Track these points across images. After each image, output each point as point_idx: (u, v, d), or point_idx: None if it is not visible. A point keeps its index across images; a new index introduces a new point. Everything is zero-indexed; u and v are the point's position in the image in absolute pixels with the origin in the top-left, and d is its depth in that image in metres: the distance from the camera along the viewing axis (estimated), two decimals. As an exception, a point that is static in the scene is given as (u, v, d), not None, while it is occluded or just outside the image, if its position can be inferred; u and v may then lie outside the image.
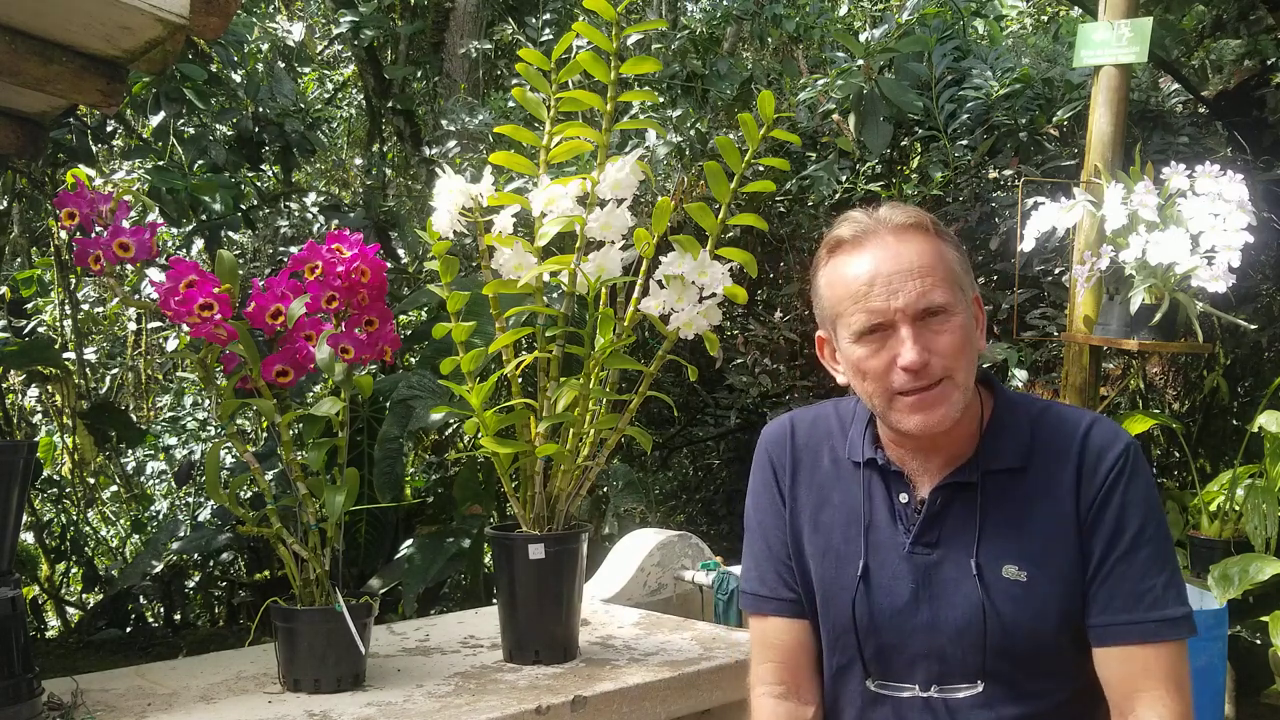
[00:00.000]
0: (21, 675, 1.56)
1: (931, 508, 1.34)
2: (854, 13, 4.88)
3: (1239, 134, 3.73)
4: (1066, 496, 1.30)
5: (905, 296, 1.27)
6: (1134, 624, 1.27)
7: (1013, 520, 1.32)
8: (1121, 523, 1.28)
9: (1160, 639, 1.26)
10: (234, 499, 1.80)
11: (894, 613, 1.35)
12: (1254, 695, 2.91)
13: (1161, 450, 4.06)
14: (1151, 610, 1.27)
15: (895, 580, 1.35)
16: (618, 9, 1.82)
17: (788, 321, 3.83)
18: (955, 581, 1.32)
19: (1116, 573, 1.28)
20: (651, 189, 3.62)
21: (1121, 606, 1.27)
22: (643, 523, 3.60)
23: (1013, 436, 1.35)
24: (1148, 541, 1.28)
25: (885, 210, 1.34)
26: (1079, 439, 1.32)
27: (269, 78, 4.73)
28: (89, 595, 5.58)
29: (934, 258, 1.29)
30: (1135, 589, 1.27)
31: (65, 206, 1.69)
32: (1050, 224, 2.56)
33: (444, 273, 1.90)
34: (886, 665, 1.36)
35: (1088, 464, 1.30)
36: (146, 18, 1.82)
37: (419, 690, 1.74)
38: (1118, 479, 1.29)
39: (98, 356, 6.25)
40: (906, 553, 1.35)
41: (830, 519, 1.41)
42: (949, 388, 1.28)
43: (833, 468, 1.43)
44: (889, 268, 1.28)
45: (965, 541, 1.32)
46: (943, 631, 1.32)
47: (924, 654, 1.34)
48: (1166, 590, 1.28)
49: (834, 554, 1.39)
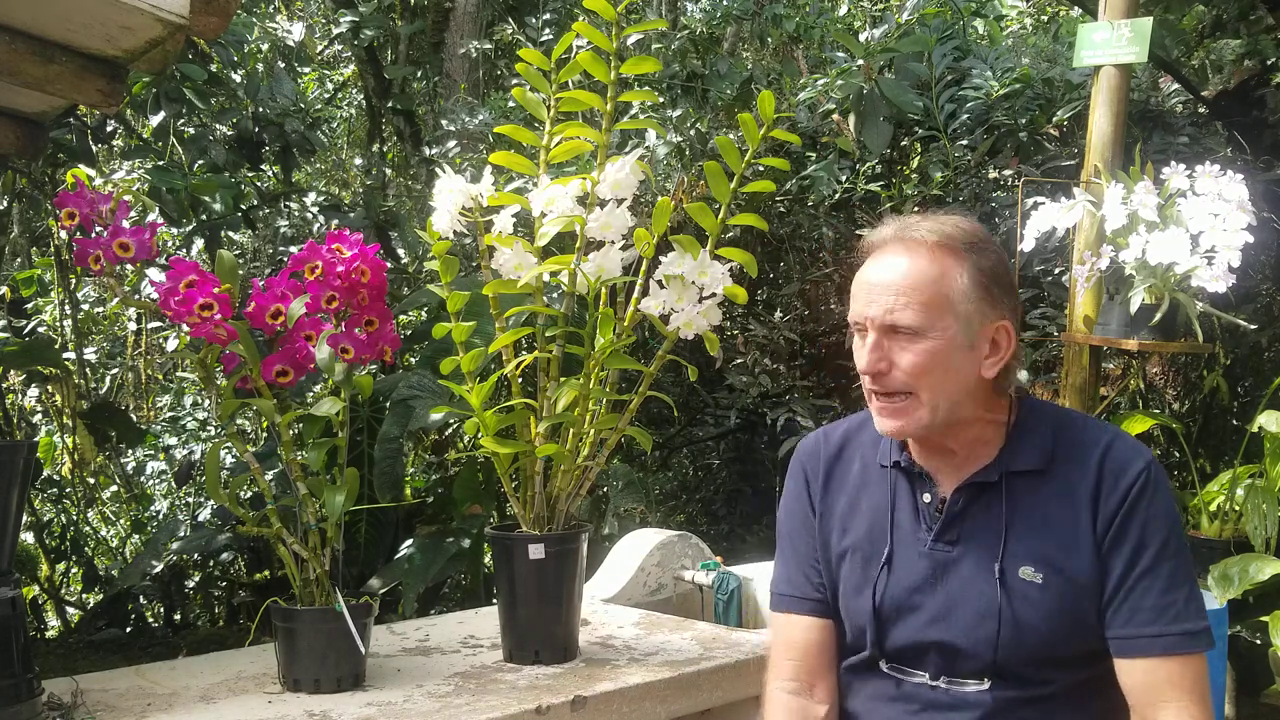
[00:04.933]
0: (21, 675, 1.56)
1: (953, 506, 1.39)
2: (854, 13, 4.88)
3: (1239, 134, 3.72)
4: (1084, 506, 1.34)
5: (876, 308, 1.35)
6: (1158, 637, 1.30)
7: (1031, 522, 1.36)
8: (1145, 538, 1.32)
9: (1184, 651, 1.30)
10: (234, 499, 1.80)
11: (911, 605, 1.39)
12: (1254, 695, 2.91)
13: (1161, 450, 4.06)
14: (1175, 623, 1.30)
15: (915, 575, 1.40)
16: (618, 9, 1.82)
17: (788, 321, 3.84)
18: (972, 579, 1.36)
19: (1141, 587, 1.31)
20: (651, 189, 3.62)
21: (1146, 620, 1.31)
22: (643, 523, 3.60)
23: (1035, 440, 1.39)
24: (1171, 556, 1.32)
25: (917, 220, 1.39)
26: (1100, 452, 1.36)
27: (269, 78, 4.73)
28: (89, 595, 5.57)
29: (922, 279, 1.33)
30: (1159, 603, 1.31)
31: (65, 206, 1.69)
32: (1050, 224, 2.56)
33: (444, 273, 1.90)
34: (900, 655, 1.41)
35: (1107, 478, 1.34)
36: (146, 18, 1.81)
37: (419, 690, 1.74)
38: (1140, 495, 1.33)
39: (98, 356, 6.24)
40: (927, 549, 1.40)
41: (859, 522, 1.47)
42: (913, 404, 1.34)
43: (862, 473, 1.49)
44: (877, 278, 1.36)
45: (985, 540, 1.37)
46: (956, 626, 1.36)
47: (936, 647, 1.38)
48: (1188, 604, 1.32)
49: (861, 553, 1.45)
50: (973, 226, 1.40)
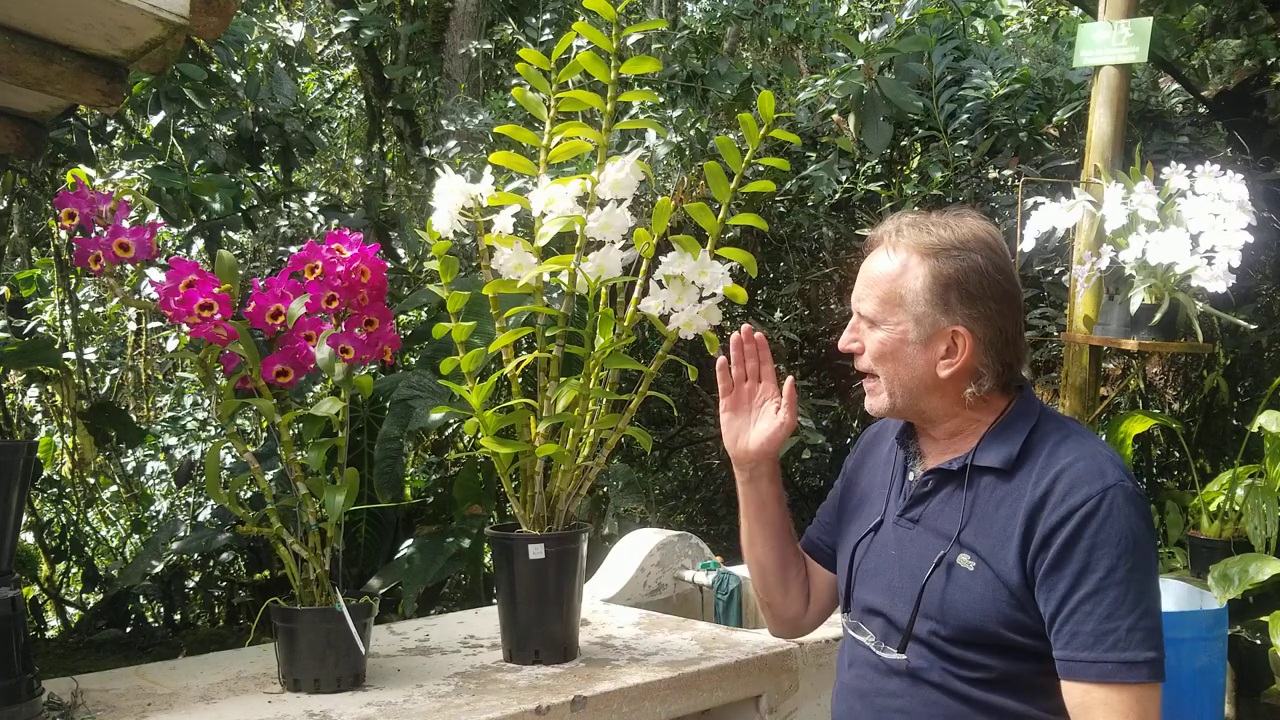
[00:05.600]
0: (21, 675, 1.56)
1: (922, 487, 1.48)
2: (854, 13, 4.88)
3: (1239, 134, 3.72)
4: (1022, 514, 1.36)
5: (855, 296, 1.51)
6: (1092, 663, 1.30)
7: (980, 516, 1.41)
8: (1090, 563, 1.31)
9: (1119, 681, 1.28)
10: (234, 499, 1.80)
11: (872, 572, 1.51)
12: (1254, 695, 2.91)
13: (1161, 450, 4.06)
14: (1112, 651, 1.29)
15: (884, 544, 1.51)
16: (618, 9, 1.82)
17: (788, 321, 3.84)
18: (919, 556, 1.44)
19: (1082, 611, 1.31)
20: (651, 189, 3.62)
21: (1083, 644, 1.30)
22: (643, 523, 3.60)
23: (1006, 441, 1.42)
24: (1118, 584, 1.30)
25: (910, 219, 1.47)
26: (1059, 469, 1.36)
27: (269, 78, 4.73)
28: (89, 595, 5.57)
29: (883, 275, 1.45)
30: (1098, 629, 1.30)
31: (65, 206, 1.69)
32: (1050, 224, 2.56)
33: (444, 273, 1.90)
34: (859, 615, 1.53)
35: (1056, 495, 1.34)
36: (146, 18, 1.81)
37: (419, 690, 1.75)
38: (1087, 519, 1.32)
39: (98, 356, 6.24)
40: (893, 522, 1.50)
41: (871, 489, 1.60)
42: (877, 385, 1.48)
43: (887, 453, 1.60)
44: (863, 270, 1.50)
45: (941, 525, 1.44)
46: (899, 597, 1.45)
47: (882, 613, 1.47)
48: (1131, 633, 1.29)
49: (862, 519, 1.57)
50: (958, 234, 1.42)
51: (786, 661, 2.03)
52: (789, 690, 2.03)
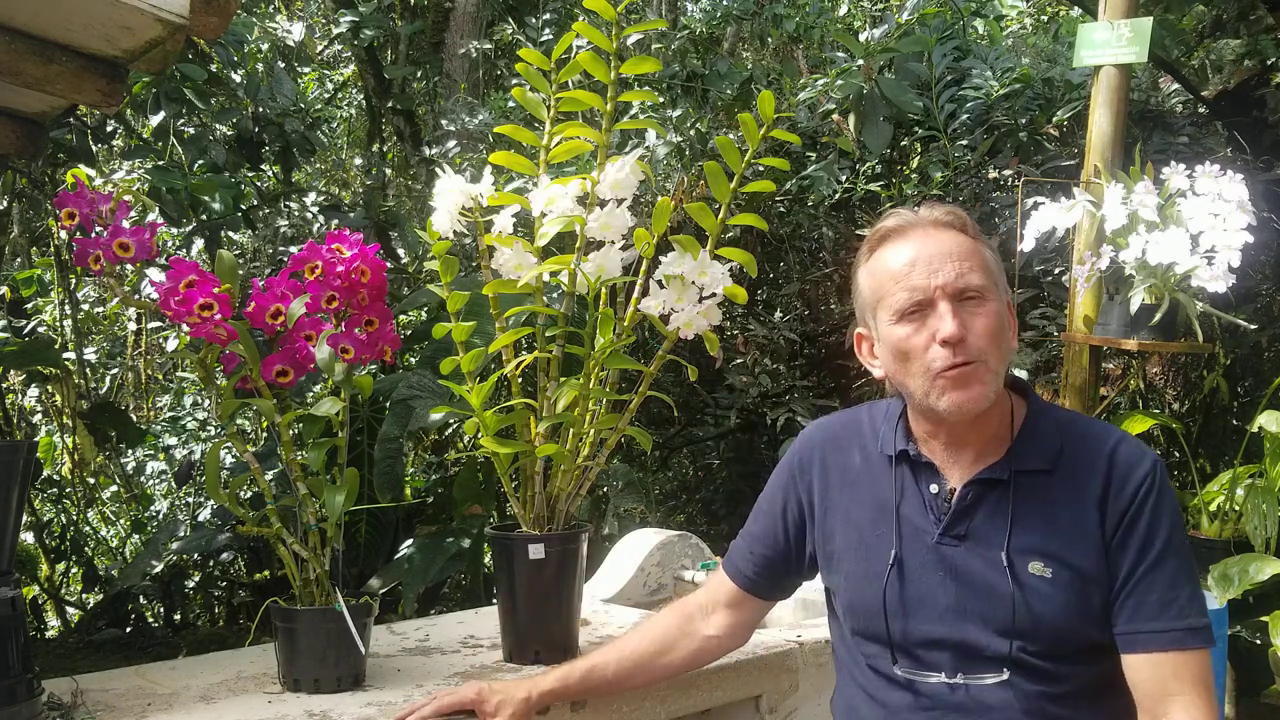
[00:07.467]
0: (21, 675, 1.56)
1: (962, 501, 1.40)
2: (854, 13, 4.88)
3: (1239, 134, 3.72)
4: (1092, 505, 1.36)
5: (945, 275, 1.34)
6: (1163, 632, 1.32)
7: (1039, 520, 1.37)
8: (1150, 537, 1.34)
9: (1187, 646, 1.32)
10: (234, 499, 1.80)
11: (922, 600, 1.40)
12: (1254, 695, 2.90)
13: (1161, 450, 4.06)
14: (1178, 619, 1.32)
15: (924, 569, 1.40)
16: (618, 9, 1.82)
17: (788, 321, 3.84)
18: (982, 573, 1.37)
19: (1145, 582, 1.34)
20: (651, 189, 3.62)
21: (1150, 615, 1.33)
22: (643, 523, 3.60)
23: (1043, 440, 1.41)
24: (1174, 554, 1.35)
25: (925, 209, 1.43)
26: (1107, 453, 1.38)
27: (269, 78, 4.73)
28: (89, 595, 5.58)
29: (969, 248, 1.38)
30: (1163, 598, 1.33)
31: (65, 206, 1.69)
32: (1050, 224, 2.56)
33: (444, 273, 1.89)
34: (914, 652, 1.41)
35: (1116, 479, 1.36)
36: (146, 18, 1.81)
37: (419, 690, 1.74)
38: (1147, 495, 1.35)
39: (98, 356, 6.25)
40: (935, 543, 1.40)
41: (860, 514, 1.48)
42: (982, 370, 1.34)
43: (864, 465, 1.50)
44: (930, 250, 1.36)
45: (994, 536, 1.38)
46: (970, 621, 1.37)
47: (951, 642, 1.38)
48: (1191, 601, 1.34)
49: (864, 546, 1.46)
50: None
51: (786, 661, 2.03)
52: (789, 690, 2.03)
